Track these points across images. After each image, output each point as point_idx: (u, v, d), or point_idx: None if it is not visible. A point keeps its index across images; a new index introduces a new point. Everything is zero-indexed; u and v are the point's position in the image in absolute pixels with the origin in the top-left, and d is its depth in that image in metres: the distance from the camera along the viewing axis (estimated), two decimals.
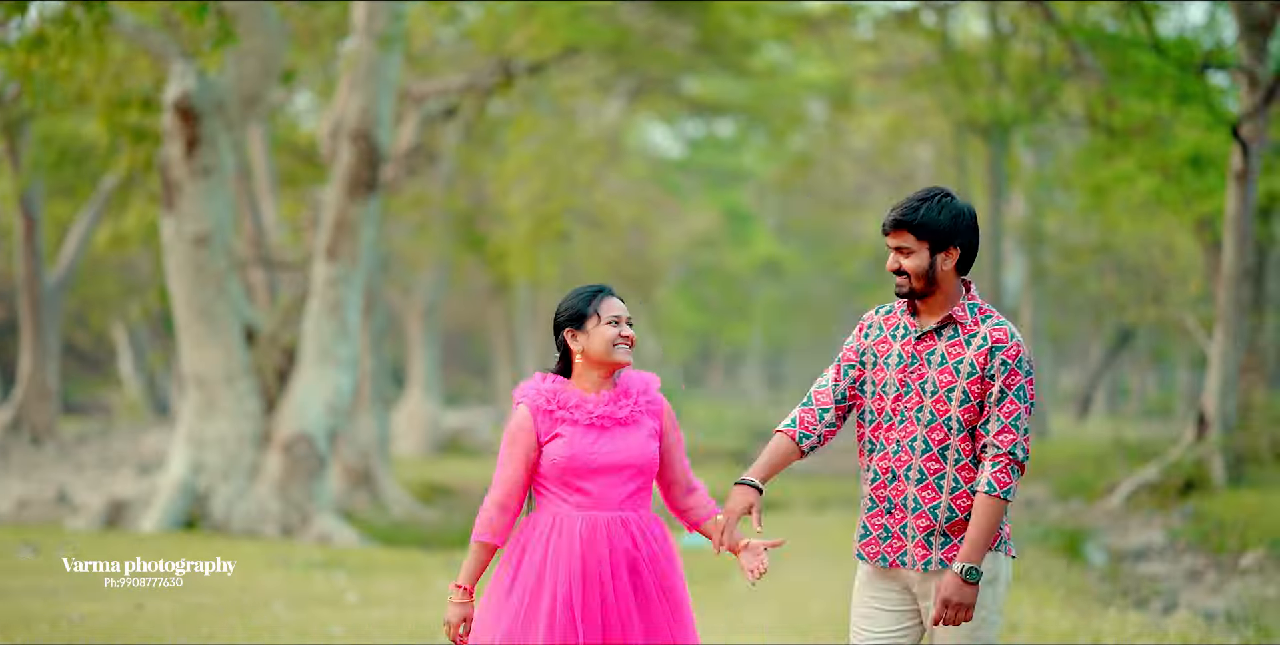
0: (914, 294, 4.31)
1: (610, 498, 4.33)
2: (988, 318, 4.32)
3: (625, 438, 4.37)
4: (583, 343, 4.42)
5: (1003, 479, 4.16)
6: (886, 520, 4.30)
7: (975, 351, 4.26)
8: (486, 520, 4.34)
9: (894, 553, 4.29)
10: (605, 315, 4.41)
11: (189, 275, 13.66)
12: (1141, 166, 19.20)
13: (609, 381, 4.45)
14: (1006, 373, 4.23)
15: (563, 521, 4.31)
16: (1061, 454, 25.18)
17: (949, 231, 4.27)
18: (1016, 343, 4.26)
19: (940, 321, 4.31)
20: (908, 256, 4.28)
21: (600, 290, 4.48)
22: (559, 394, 4.41)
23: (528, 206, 23.22)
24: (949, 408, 4.25)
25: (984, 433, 4.23)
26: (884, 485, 4.32)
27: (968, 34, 29.43)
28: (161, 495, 13.56)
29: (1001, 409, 4.21)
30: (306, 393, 13.86)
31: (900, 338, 4.36)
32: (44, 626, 7.50)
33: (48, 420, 28.07)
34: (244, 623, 7.95)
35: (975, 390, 4.24)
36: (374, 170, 14.05)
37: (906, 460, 4.28)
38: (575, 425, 4.36)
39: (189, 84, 13.28)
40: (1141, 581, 10.96)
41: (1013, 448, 4.19)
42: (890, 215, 4.33)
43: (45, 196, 27.81)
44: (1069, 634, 7.29)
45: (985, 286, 26.49)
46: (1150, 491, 16.97)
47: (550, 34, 20.51)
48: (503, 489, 4.35)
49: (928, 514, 4.24)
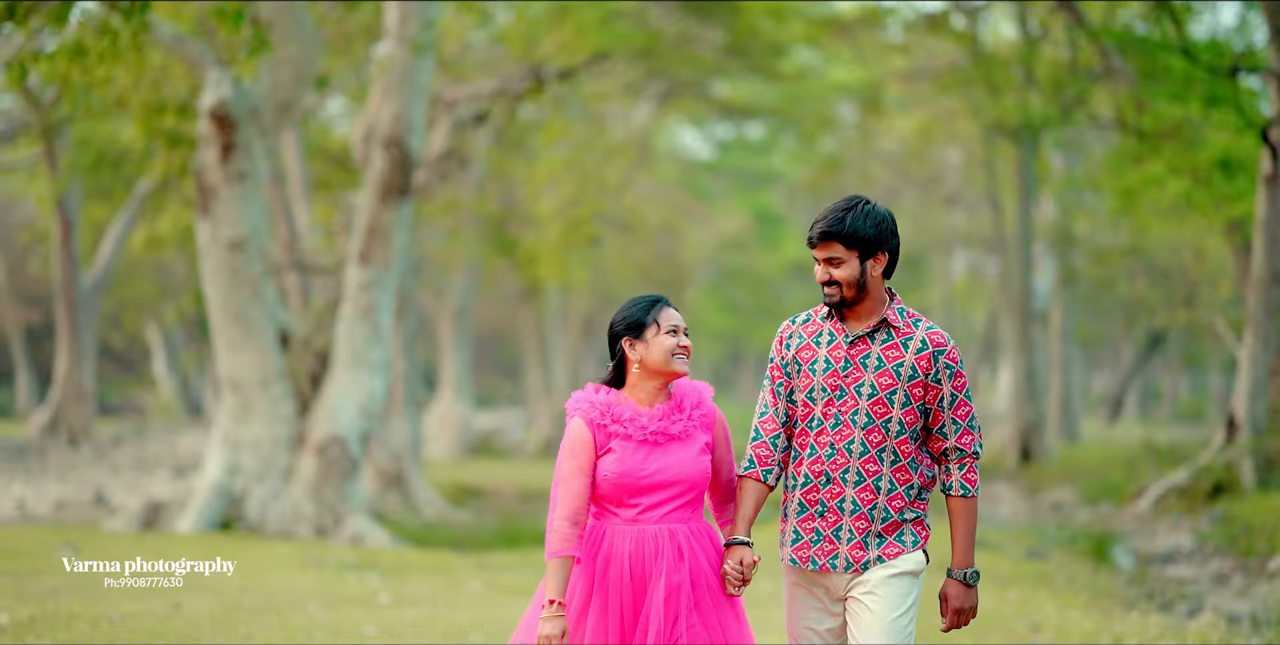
0: (845, 303, 4.33)
1: (659, 511, 4.35)
2: (918, 321, 4.37)
3: (677, 453, 4.38)
4: (641, 352, 4.42)
5: (972, 478, 4.29)
6: (819, 524, 4.31)
7: (915, 355, 4.30)
8: (560, 536, 4.33)
9: (825, 556, 4.31)
10: (665, 325, 4.42)
11: (224, 279, 13.80)
12: (1171, 170, 19.17)
13: (663, 392, 4.45)
14: (953, 376, 4.31)
15: (613, 534, 4.35)
16: (1091, 457, 25.15)
17: (875, 238, 4.29)
18: (953, 345, 4.33)
19: (874, 325, 4.33)
20: (838, 267, 4.30)
21: (658, 300, 4.49)
22: (613, 407, 4.41)
23: (558, 211, 23.31)
24: (890, 410, 4.28)
25: (941, 437, 4.31)
26: (816, 488, 4.33)
27: (998, 37, 29.41)
28: (197, 497, 13.71)
29: (956, 412, 4.30)
30: (340, 396, 13.99)
31: (827, 344, 4.37)
32: (84, 626, 7.64)
33: (84, 422, 28.30)
34: (280, 622, 8.08)
35: (916, 393, 4.29)
36: (406, 176, 14.17)
37: (843, 462, 4.29)
38: (628, 440, 4.37)
39: (224, 91, 13.43)
40: (1168, 585, 10.98)
41: (975, 447, 4.31)
42: (817, 227, 4.33)
43: (82, 200, 28.07)
44: (1091, 634, 7.36)
45: (1015, 291, 26.46)
46: (1179, 495, 16.93)
47: (581, 40, 20.60)
48: (571, 504, 4.35)
49: (866, 515, 4.26)
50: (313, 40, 13.75)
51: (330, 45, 17.83)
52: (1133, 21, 21.38)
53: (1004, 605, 8.78)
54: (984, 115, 25.79)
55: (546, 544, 4.33)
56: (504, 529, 15.63)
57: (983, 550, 12.44)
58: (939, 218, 36.79)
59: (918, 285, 42.64)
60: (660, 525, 4.34)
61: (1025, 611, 8.45)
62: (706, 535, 4.41)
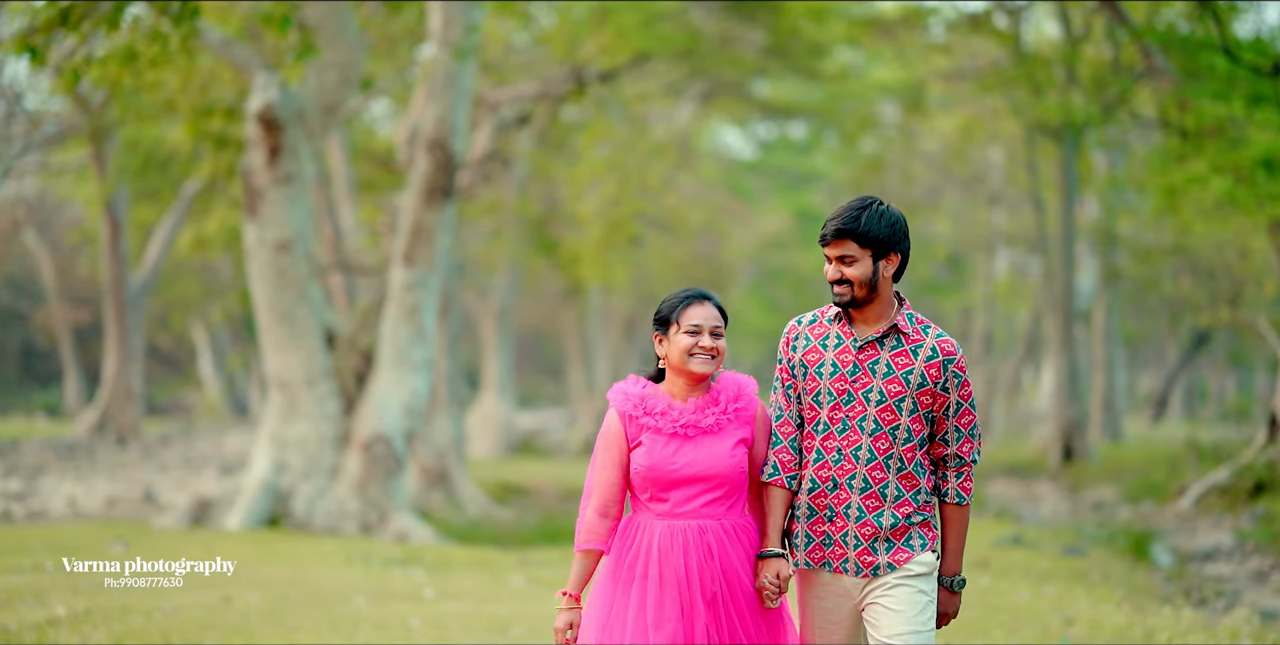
0: (855, 303, 4.28)
1: (692, 505, 4.26)
2: (927, 328, 4.32)
3: (709, 447, 4.29)
4: (665, 349, 4.38)
5: (968, 487, 4.31)
6: (828, 528, 4.29)
7: (925, 363, 4.26)
8: (588, 528, 4.30)
9: (836, 560, 4.29)
10: (684, 324, 4.34)
11: (271, 280, 13.99)
12: (1214, 169, 19.07)
13: (700, 387, 4.38)
14: (960, 384, 4.28)
15: (645, 527, 4.28)
16: (1135, 457, 25.09)
17: (889, 239, 4.26)
18: (962, 354, 4.30)
19: (884, 331, 4.29)
20: (850, 265, 4.26)
21: (689, 297, 4.41)
22: (647, 399, 4.35)
23: (600, 211, 23.42)
24: (898, 417, 4.24)
25: (944, 444, 4.29)
26: (824, 494, 4.28)
27: (1040, 36, 29.35)
28: (245, 494, 13.91)
29: (960, 420, 4.29)
30: (384, 395, 14.17)
31: (834, 347, 4.31)
32: (139, 618, 7.84)
33: (132, 421, 28.61)
34: (327, 615, 8.25)
35: (925, 401, 4.26)
36: (450, 178, 14.32)
37: (850, 469, 4.25)
38: (659, 433, 4.30)
39: (271, 95, 13.61)
40: (1206, 582, 11.01)
41: (974, 455, 4.32)
42: (831, 225, 4.28)
43: (130, 201, 28.36)
44: (1123, 628, 7.43)
45: (1058, 290, 26.41)
46: (1221, 493, 16.92)
47: (622, 42, 20.70)
48: (600, 496, 4.31)
49: (872, 522, 4.24)
50: (358, 44, 13.91)
51: (374, 48, 18.04)
52: (1176, 20, 21.30)
53: (1039, 601, 8.87)
54: (1026, 115, 25.75)
55: (577, 535, 4.31)
56: (545, 526, 15.78)
57: (1020, 548, 12.52)
58: (981, 217, 36.70)
59: (960, 285, 42.51)
60: (692, 521, 4.26)
61: (1060, 607, 8.53)
62: (744, 532, 4.32)
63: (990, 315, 36.75)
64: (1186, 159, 20.34)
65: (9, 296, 40.20)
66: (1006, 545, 12.66)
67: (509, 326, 29.66)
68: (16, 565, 9.87)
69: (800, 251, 42.62)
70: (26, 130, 22.21)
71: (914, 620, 4.21)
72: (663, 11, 22.24)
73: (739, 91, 28.79)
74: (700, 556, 4.24)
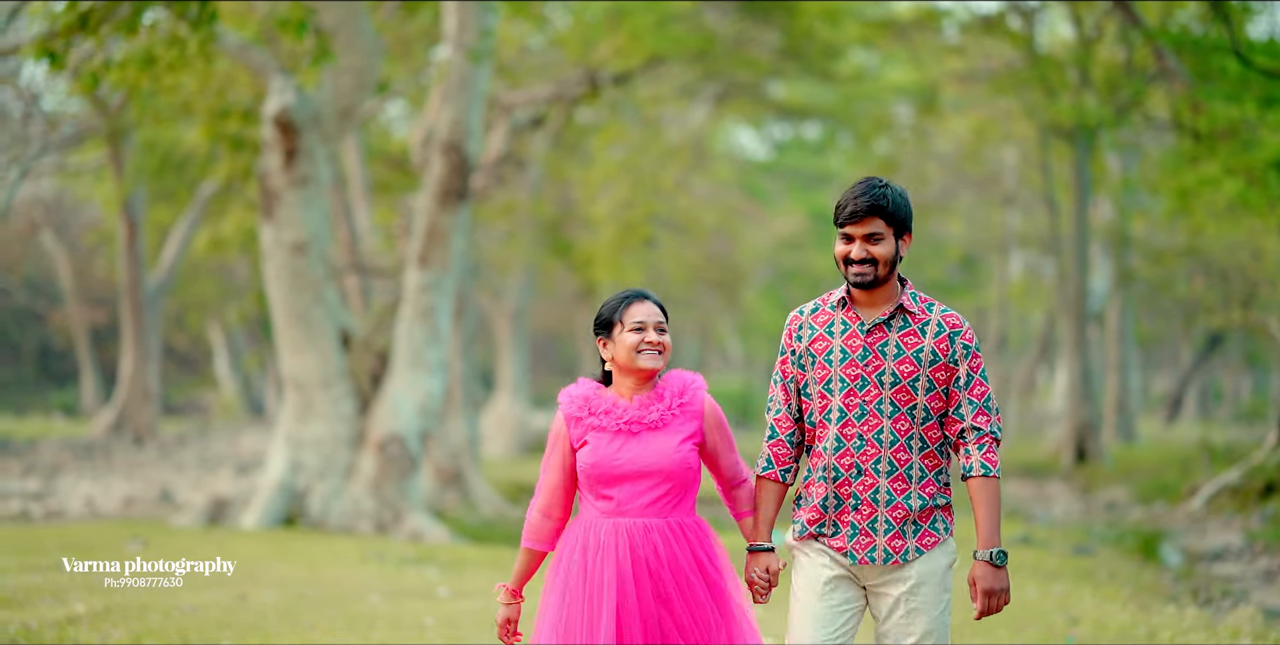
0: (876, 282, 4.23)
1: (637, 503, 4.26)
2: (931, 305, 4.29)
3: (654, 443, 4.29)
4: (611, 350, 4.39)
5: (993, 458, 4.19)
6: (854, 517, 4.22)
7: (933, 339, 4.23)
8: (531, 527, 4.37)
9: (863, 550, 4.22)
10: (629, 322, 4.35)
11: (287, 282, 14.11)
12: (1226, 171, 19.13)
13: (647, 385, 4.38)
14: (969, 356, 4.23)
15: (591, 527, 4.28)
16: (1148, 458, 25.11)
17: (908, 217, 4.25)
18: (969, 327, 4.26)
19: (890, 312, 4.26)
20: (877, 243, 4.21)
21: (628, 296, 4.43)
22: (591, 400, 4.37)
23: (613, 213, 23.52)
24: (915, 397, 4.21)
25: (958, 418, 4.22)
26: (849, 482, 4.23)
27: (1054, 37, 29.38)
28: (261, 494, 14.04)
29: (972, 392, 4.22)
30: (399, 395, 14.29)
31: (841, 333, 4.28)
32: (157, 616, 7.95)
33: (149, 421, 28.74)
34: (342, 614, 8.36)
35: (940, 377, 4.22)
36: (464, 180, 14.44)
37: (875, 453, 4.21)
38: (603, 431, 4.31)
39: (288, 98, 13.74)
40: (1214, 582, 11.08)
41: (992, 428, 4.21)
42: (862, 202, 4.19)
43: (146, 202, 28.49)
44: (1128, 627, 7.52)
45: (1071, 292, 26.44)
46: (1231, 494, 16.97)
47: (636, 44, 20.77)
48: (544, 496, 4.37)
49: (902, 505, 4.19)
50: (374, 48, 14.03)
51: (389, 50, 18.16)
52: (1190, 22, 21.33)
53: (1045, 600, 8.95)
54: (1040, 116, 25.80)
55: (524, 532, 4.35)
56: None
57: (1029, 547, 12.59)
58: (995, 218, 36.76)
59: (974, 286, 42.56)
60: (637, 519, 4.26)
61: (1065, 605, 8.61)
62: (691, 531, 4.31)
63: (1004, 316, 36.81)
64: (1199, 161, 20.39)
65: (26, 297, 40.14)
66: (1016, 545, 12.74)
67: (523, 327, 29.77)
68: (35, 564, 9.99)
69: (814, 252, 42.68)
70: (44, 131, 22.38)
71: (937, 620, 4.20)
72: (677, 13, 22.32)
73: (753, 93, 28.82)
74: (645, 555, 4.22)
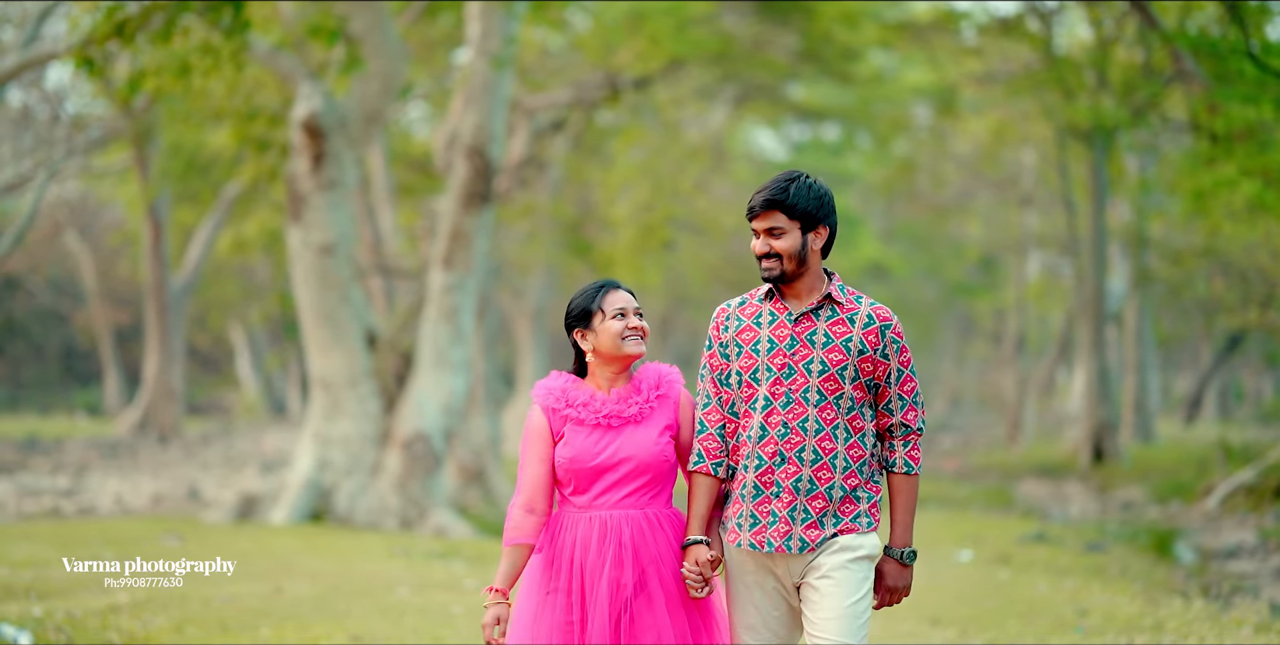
0: (783, 277, 4.23)
1: (615, 496, 4.23)
2: (860, 298, 4.28)
3: (634, 436, 4.27)
4: (592, 341, 4.33)
5: (916, 456, 4.22)
6: (774, 505, 4.18)
7: (862, 330, 4.21)
8: (514, 524, 4.27)
9: (780, 537, 4.18)
10: (610, 309, 4.32)
11: (314, 283, 14.38)
12: (1243, 172, 19.26)
13: (623, 376, 4.37)
14: (899, 351, 4.24)
15: (568, 522, 4.26)
16: (1165, 458, 25.22)
17: (817, 211, 4.22)
18: (897, 320, 4.25)
19: (818, 302, 4.24)
20: (779, 237, 4.20)
21: (604, 286, 4.39)
22: (569, 392, 4.34)
23: (633, 215, 23.73)
24: (842, 386, 4.18)
25: (887, 413, 4.24)
26: (771, 470, 4.19)
27: (1073, 38, 29.49)
28: (289, 491, 14.31)
29: (902, 387, 4.24)
30: (424, 394, 14.54)
31: (769, 323, 4.25)
32: (197, 605, 8.23)
33: (173, 420, 29.01)
34: (374, 604, 8.62)
35: (866, 368, 4.20)
36: (488, 183, 14.69)
37: (799, 441, 4.17)
38: (581, 424, 4.28)
39: (315, 104, 14.00)
40: (1226, 578, 11.26)
41: (919, 423, 4.24)
42: (760, 196, 4.22)
43: (171, 204, 28.74)
44: (1135, 619, 7.73)
45: (1089, 292, 26.57)
46: (1246, 493, 17.10)
47: (656, 48, 20.97)
48: (526, 492, 4.29)
49: (823, 494, 4.16)
50: (399, 53, 14.28)
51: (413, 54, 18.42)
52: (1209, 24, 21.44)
53: (1057, 594, 9.17)
54: (1057, 118, 25.93)
55: (505, 531, 4.28)
56: None
57: (1043, 544, 12.80)
58: (1013, 219, 36.88)
59: (992, 286, 42.66)
60: (614, 512, 4.23)
61: (1076, 599, 8.83)
62: (669, 522, 4.28)
63: (1022, 317, 36.91)
64: (1216, 162, 20.53)
65: (51, 297, 40.36)
66: (1029, 542, 12.94)
67: (544, 327, 30.00)
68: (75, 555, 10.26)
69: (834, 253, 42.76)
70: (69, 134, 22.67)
71: (852, 607, 4.13)
72: (696, 16, 22.50)
73: (772, 95, 28.94)
74: (618, 549, 4.18)
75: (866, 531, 4.21)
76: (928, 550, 12.08)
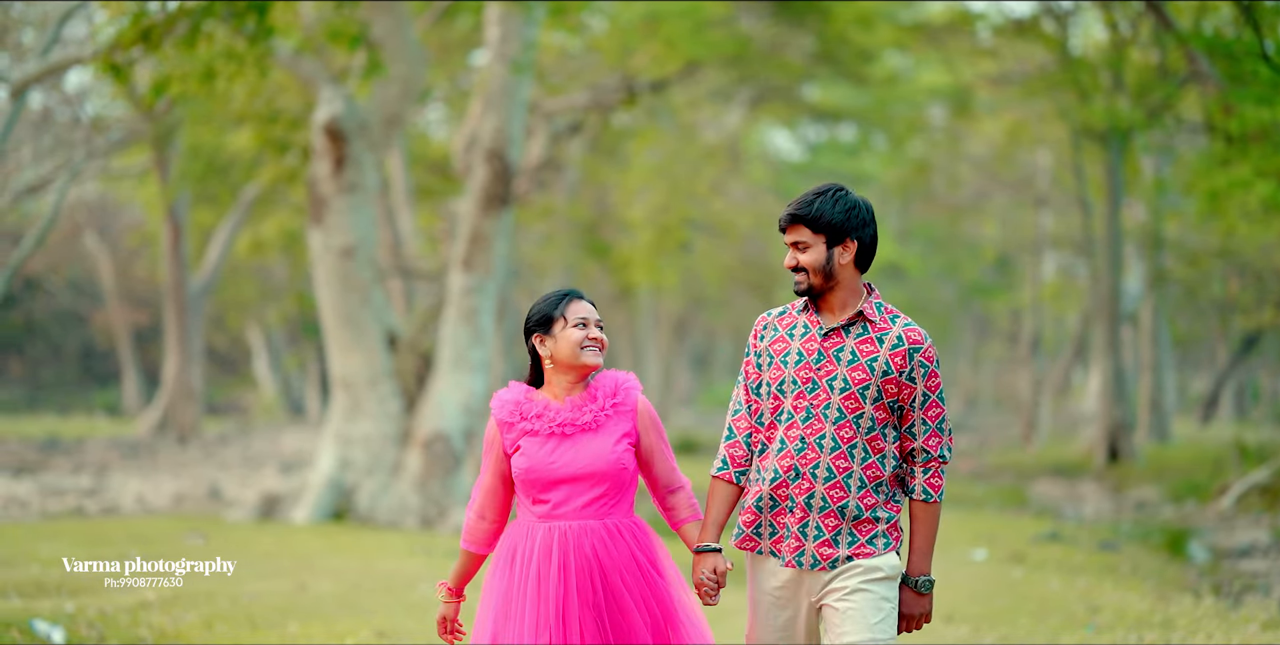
0: (812, 291, 4.21)
1: (573, 505, 4.21)
2: (896, 317, 4.23)
3: (589, 445, 4.25)
4: (550, 347, 4.31)
5: (937, 483, 4.19)
6: (788, 519, 4.17)
7: (890, 350, 4.17)
8: (468, 529, 4.36)
9: (791, 553, 4.17)
10: (572, 318, 4.30)
11: (336, 285, 14.55)
12: (1258, 173, 19.32)
13: (579, 385, 4.34)
14: (927, 375, 4.20)
15: (528, 531, 4.24)
16: (1181, 457, 25.27)
17: (843, 225, 4.18)
18: (930, 344, 4.20)
19: (849, 318, 4.21)
20: (804, 251, 4.20)
21: (568, 294, 4.38)
22: (522, 404, 4.32)
23: (650, 217, 23.86)
24: (862, 406, 4.14)
25: (910, 437, 4.20)
26: (786, 484, 4.17)
27: (1089, 39, 29.53)
28: (311, 490, 14.49)
29: (927, 412, 4.19)
30: (444, 394, 14.71)
31: (800, 336, 4.24)
32: (224, 602, 8.40)
33: (193, 420, 29.15)
34: (398, 601, 8.78)
35: (890, 390, 4.15)
36: (507, 186, 14.85)
37: (814, 457, 4.15)
38: (536, 435, 4.26)
39: (336, 108, 14.17)
40: (1239, 577, 11.36)
41: (942, 451, 4.20)
42: (786, 211, 4.24)
43: (189, 205, 28.90)
44: (1145, 615, 7.85)
45: (1104, 292, 26.64)
46: (1261, 493, 17.20)
47: (672, 52, 21.07)
48: (478, 500, 4.35)
49: (835, 512, 4.14)
50: (418, 57, 14.45)
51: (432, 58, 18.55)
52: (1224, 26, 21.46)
53: (1069, 591, 9.29)
54: (1072, 119, 26.01)
55: (461, 533, 4.43)
56: None
57: (1057, 543, 12.92)
58: (1028, 220, 36.98)
59: (1009, 287, 42.75)
60: (573, 522, 4.22)
61: (1087, 597, 8.95)
62: (629, 532, 4.26)
63: (1037, 317, 36.99)
64: (1230, 163, 20.59)
65: (69, 298, 40.46)
66: (1043, 541, 13.06)
67: None
68: (102, 554, 10.43)
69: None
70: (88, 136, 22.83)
71: (873, 627, 4.09)
72: (712, 18, 22.61)
73: (788, 96, 29.05)
74: (583, 558, 4.17)
75: (884, 552, 4.17)
76: (942, 550, 12.19)
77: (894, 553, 4.20)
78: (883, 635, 4.08)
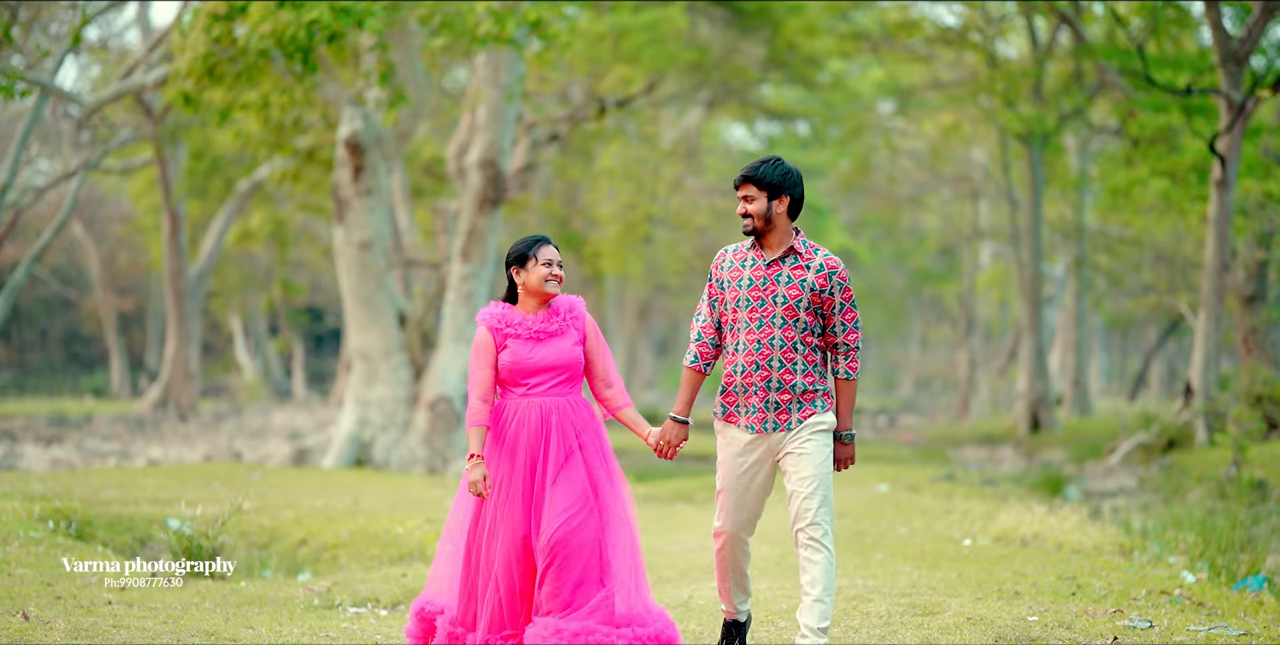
0: (756, 232, 5.47)
1: (543, 387, 5.57)
2: (818, 250, 5.51)
3: (555, 345, 5.59)
4: (524, 278, 5.62)
5: (854, 366, 5.54)
6: (754, 399, 5.47)
7: (815, 274, 5.46)
8: (474, 411, 5.56)
9: (759, 422, 5.48)
10: (541, 258, 5.61)
11: (355, 273, 17.03)
12: (1154, 172, 21.30)
13: (544, 305, 5.67)
14: (842, 289, 5.50)
15: (512, 406, 5.58)
16: (1096, 428, 26.58)
17: (780, 184, 5.43)
18: (844, 268, 5.46)
19: (784, 252, 5.48)
20: (751, 202, 5.45)
21: (539, 239, 5.68)
22: (506, 315, 5.63)
23: (616, 215, 25.76)
24: (798, 313, 5.44)
25: (833, 334, 5.54)
26: (751, 373, 5.47)
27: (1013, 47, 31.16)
28: (335, 443, 17.05)
29: (845, 316, 5.52)
30: (446, 364, 17.25)
31: (750, 266, 5.52)
32: (304, 509, 10.97)
33: (191, 399, 30.20)
34: (431, 508, 11.28)
35: (817, 301, 5.46)
36: (499, 190, 17.43)
37: (769, 352, 5.47)
38: (518, 338, 5.59)
39: (357, 125, 16.61)
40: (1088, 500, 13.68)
41: (856, 343, 5.54)
42: (740, 173, 5.49)
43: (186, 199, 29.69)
44: (983, 514, 10.43)
45: (1028, 278, 28.18)
46: (1143, 450, 19.24)
47: (636, 69, 22.95)
48: (480, 389, 5.58)
49: (788, 389, 5.46)
50: (425, 83, 16.93)
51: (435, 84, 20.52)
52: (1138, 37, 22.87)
53: (936, 503, 11.97)
54: (997, 122, 27.64)
55: (466, 417, 5.58)
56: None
57: (950, 482, 15.42)
58: (966, 212, 38.06)
59: (954, 274, 43.37)
60: (545, 398, 5.56)
61: (948, 506, 11.62)
62: (584, 405, 5.61)
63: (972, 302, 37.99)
64: (1131, 163, 22.57)
65: (56, 285, 40.80)
66: (939, 481, 15.53)
67: None
68: (182, 485, 12.75)
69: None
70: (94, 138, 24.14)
71: (820, 465, 5.46)
72: (672, 33, 24.16)
73: (743, 97, 30.47)
74: (559, 419, 5.53)
75: (824, 411, 5.50)
76: (853, 484, 14.74)
77: (830, 412, 5.57)
78: (825, 470, 5.48)
